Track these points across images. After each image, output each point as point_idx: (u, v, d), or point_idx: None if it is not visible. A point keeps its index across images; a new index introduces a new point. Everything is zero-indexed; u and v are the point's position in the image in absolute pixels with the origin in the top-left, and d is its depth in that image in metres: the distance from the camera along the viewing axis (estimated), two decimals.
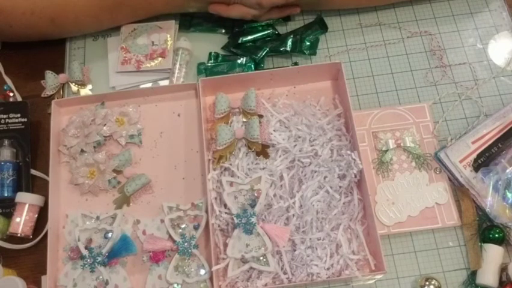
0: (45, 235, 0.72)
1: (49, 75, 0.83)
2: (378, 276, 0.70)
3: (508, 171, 0.71)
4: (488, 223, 0.72)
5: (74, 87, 0.84)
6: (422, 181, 0.75)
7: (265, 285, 0.68)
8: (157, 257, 0.71)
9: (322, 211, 0.71)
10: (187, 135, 0.79)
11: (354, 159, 0.70)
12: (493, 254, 0.69)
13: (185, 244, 0.70)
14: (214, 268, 0.67)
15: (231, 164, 0.73)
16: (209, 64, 0.84)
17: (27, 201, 0.74)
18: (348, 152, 0.71)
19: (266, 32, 0.85)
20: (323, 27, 0.86)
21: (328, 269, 0.68)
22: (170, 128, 0.79)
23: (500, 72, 0.83)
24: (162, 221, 0.73)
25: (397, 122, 0.78)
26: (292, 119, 0.76)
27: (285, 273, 0.68)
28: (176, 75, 0.82)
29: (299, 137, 0.75)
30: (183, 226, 0.72)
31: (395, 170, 0.76)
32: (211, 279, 0.68)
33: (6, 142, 0.77)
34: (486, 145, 0.74)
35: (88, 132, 0.76)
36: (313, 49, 0.84)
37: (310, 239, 0.69)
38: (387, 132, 0.78)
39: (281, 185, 0.72)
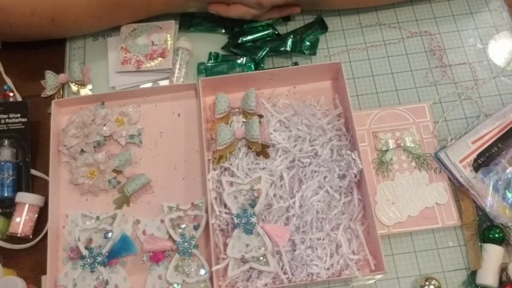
0: (45, 235, 0.72)
1: (49, 75, 0.83)
2: (378, 276, 0.70)
3: (508, 171, 0.71)
4: (488, 223, 0.72)
5: (74, 87, 0.84)
6: (422, 181, 0.75)
7: (265, 285, 0.68)
8: (157, 257, 0.71)
9: (322, 211, 0.71)
10: (187, 135, 0.79)
11: (354, 159, 0.70)
12: (493, 254, 0.69)
13: (185, 244, 0.70)
14: (214, 268, 0.67)
15: (231, 164, 0.73)
16: (209, 64, 0.84)
17: (27, 201, 0.74)
18: (348, 152, 0.71)
19: (266, 32, 0.85)
20: (323, 27, 0.86)
21: (328, 269, 0.68)
22: (170, 128, 0.79)
23: (500, 72, 0.83)
24: (162, 221, 0.73)
25: (397, 122, 0.78)
26: (292, 119, 0.76)
27: (285, 273, 0.68)
28: (176, 75, 0.82)
29: (299, 137, 0.75)
30: (183, 226, 0.72)
31: (395, 170, 0.76)
32: (211, 279, 0.68)
33: (6, 142, 0.77)
34: (486, 145, 0.74)
35: (88, 132, 0.76)
36: (313, 49, 0.84)
37: (310, 239, 0.69)
38: (387, 132, 0.78)
39: (281, 185, 0.72)
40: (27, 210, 0.74)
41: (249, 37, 0.84)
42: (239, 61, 0.83)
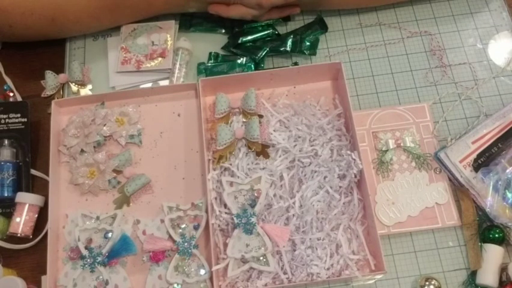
0: (45, 235, 0.72)
1: (49, 75, 0.83)
2: (378, 276, 0.70)
3: (508, 171, 0.71)
4: (488, 223, 0.72)
5: (74, 87, 0.84)
6: (422, 181, 0.75)
7: (265, 285, 0.68)
8: (157, 257, 0.71)
9: (322, 211, 0.71)
10: (187, 135, 0.79)
11: (354, 159, 0.70)
12: (493, 254, 0.69)
13: (186, 244, 0.70)
14: (214, 268, 0.67)
15: (231, 164, 0.73)
16: (209, 64, 0.84)
17: (27, 201, 0.74)
18: (348, 152, 0.71)
19: (266, 32, 0.85)
20: (323, 27, 0.86)
21: (328, 269, 0.68)
22: (170, 128, 0.79)
23: (500, 72, 0.83)
24: (162, 221, 0.73)
25: (397, 122, 0.78)
26: (292, 119, 0.76)
27: (285, 273, 0.68)
28: (176, 75, 0.82)
29: (299, 137, 0.75)
30: (183, 226, 0.72)
31: (395, 170, 0.76)
32: (211, 279, 0.68)
33: (6, 142, 0.77)
34: (486, 145, 0.74)
35: (88, 132, 0.76)
36: (313, 49, 0.84)
37: (310, 239, 0.69)
38: (387, 132, 0.78)
39: (281, 185, 0.72)
40: (27, 210, 0.74)
41: (249, 37, 0.84)
42: (239, 61, 0.83)
